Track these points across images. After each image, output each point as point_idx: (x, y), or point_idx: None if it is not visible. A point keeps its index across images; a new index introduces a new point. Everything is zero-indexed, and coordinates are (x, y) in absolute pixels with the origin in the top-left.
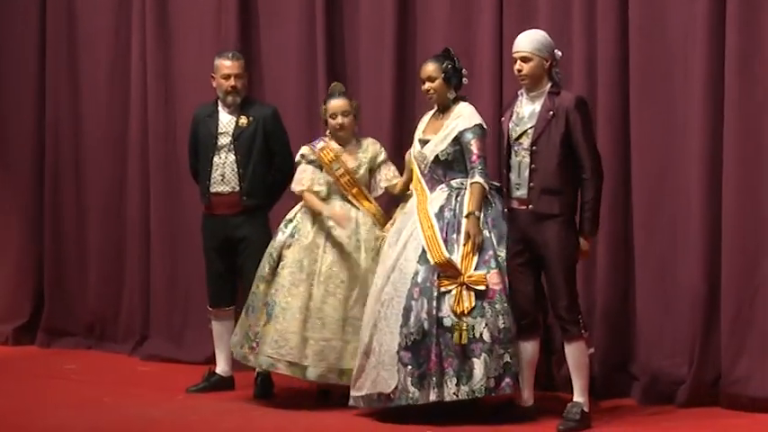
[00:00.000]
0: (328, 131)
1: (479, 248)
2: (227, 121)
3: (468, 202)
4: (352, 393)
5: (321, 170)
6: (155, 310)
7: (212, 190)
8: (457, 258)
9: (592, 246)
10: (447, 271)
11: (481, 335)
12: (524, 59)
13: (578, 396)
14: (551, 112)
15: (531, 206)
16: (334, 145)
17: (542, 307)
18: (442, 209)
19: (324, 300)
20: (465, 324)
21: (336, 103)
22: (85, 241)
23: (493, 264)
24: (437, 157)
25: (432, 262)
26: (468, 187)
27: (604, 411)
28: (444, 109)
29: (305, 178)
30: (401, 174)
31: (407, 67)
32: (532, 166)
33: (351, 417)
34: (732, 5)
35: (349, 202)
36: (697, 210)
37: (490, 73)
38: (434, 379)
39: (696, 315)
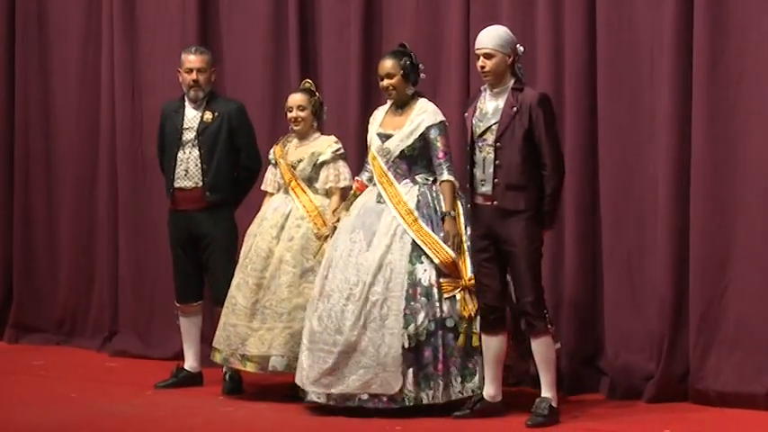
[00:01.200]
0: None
1: (458, 248)
2: (192, 116)
3: (443, 201)
4: (317, 390)
5: (276, 167)
6: (123, 306)
7: (176, 185)
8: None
9: (558, 242)
10: (450, 271)
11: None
12: (487, 56)
13: (546, 391)
14: (515, 109)
15: (495, 202)
16: (290, 139)
17: (509, 302)
18: (418, 206)
19: (238, 286)
20: (471, 327)
21: (293, 98)
22: (54, 237)
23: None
24: (402, 152)
25: (436, 261)
26: (439, 186)
27: (573, 406)
28: (403, 104)
29: (266, 178)
30: (354, 173)
31: (373, 61)
32: (497, 162)
33: (319, 413)
34: (699, 4)
35: (290, 194)
36: (665, 207)
37: (457, 67)
38: (441, 380)
39: (664, 311)
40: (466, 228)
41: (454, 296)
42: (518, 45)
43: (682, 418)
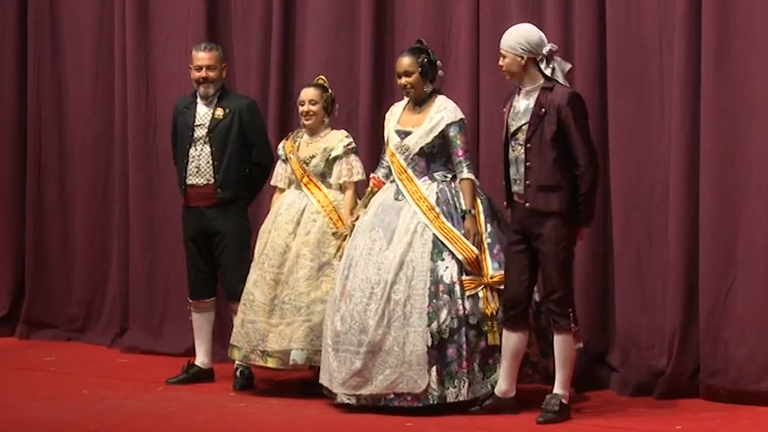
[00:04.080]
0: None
1: (479, 246)
2: (203, 112)
3: (463, 199)
4: (347, 392)
5: (286, 162)
6: (134, 303)
7: (188, 182)
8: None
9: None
10: (473, 268)
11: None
12: (502, 56)
13: (558, 388)
14: (543, 110)
15: (527, 203)
16: (301, 135)
17: (531, 299)
18: (438, 203)
19: (255, 283)
20: (495, 324)
21: (305, 92)
22: (67, 233)
23: (502, 258)
24: (422, 149)
25: (459, 257)
26: (459, 183)
27: (584, 403)
28: (421, 102)
29: (276, 174)
30: (365, 168)
31: (383, 58)
32: (527, 163)
33: (331, 408)
34: (708, 1)
35: (303, 190)
36: (674, 203)
37: (466, 66)
38: (466, 377)
39: (674, 307)
40: (486, 225)
41: (477, 294)
42: (545, 46)
43: (692, 414)
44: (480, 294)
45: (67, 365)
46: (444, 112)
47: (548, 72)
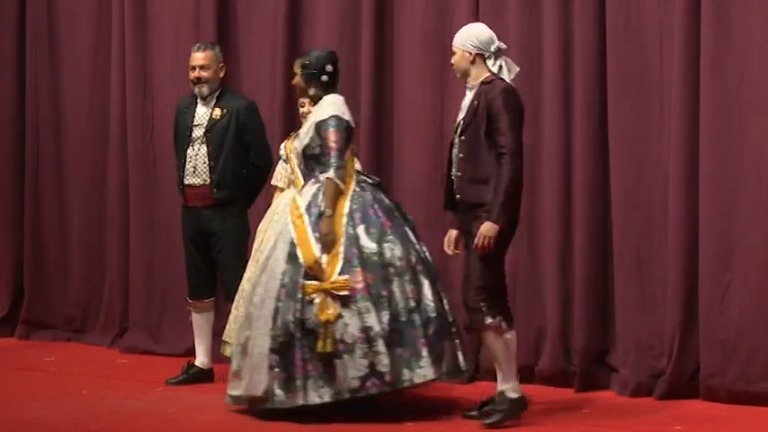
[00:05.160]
0: None
1: (330, 249)
2: (202, 113)
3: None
4: (228, 391)
5: (287, 162)
6: (134, 303)
7: (185, 182)
8: (324, 260)
9: (568, 240)
10: (314, 272)
11: (342, 336)
12: (452, 53)
13: (501, 384)
14: (476, 102)
15: (459, 195)
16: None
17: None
18: (309, 205)
19: (249, 280)
20: (330, 332)
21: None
22: (65, 234)
23: (356, 262)
24: (304, 150)
25: (300, 260)
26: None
27: (584, 403)
28: (315, 104)
29: (276, 173)
30: (365, 166)
31: (383, 59)
32: (460, 155)
33: (330, 409)
34: (706, 1)
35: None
36: (674, 204)
37: None
38: (299, 383)
39: (674, 308)
40: (350, 228)
41: (314, 299)
42: (493, 43)
43: (692, 414)
44: (317, 300)
45: (67, 366)
46: (318, 111)
47: (494, 69)
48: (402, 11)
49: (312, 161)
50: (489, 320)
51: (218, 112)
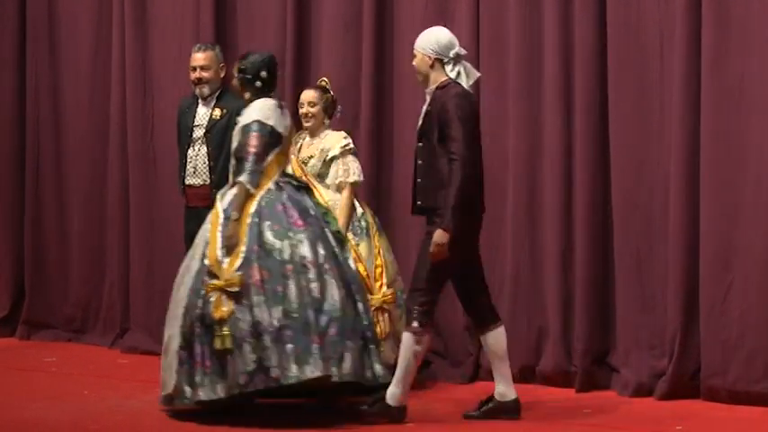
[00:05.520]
0: None
1: (232, 251)
2: (203, 113)
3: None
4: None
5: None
6: (134, 303)
7: (186, 182)
8: (227, 260)
9: (569, 240)
10: (215, 271)
11: (233, 332)
12: (413, 55)
13: (391, 386)
14: (430, 108)
15: (420, 202)
16: (303, 136)
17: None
18: (228, 207)
19: None
20: (224, 329)
21: (305, 94)
22: (66, 234)
23: (254, 257)
24: (234, 153)
25: (206, 261)
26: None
27: (584, 403)
28: None
29: None
30: (365, 169)
31: (384, 59)
32: (419, 162)
33: (336, 410)
34: (707, 1)
35: None
36: (674, 204)
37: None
38: (198, 379)
39: (675, 308)
40: (253, 230)
41: (211, 297)
42: (453, 49)
43: (693, 415)
44: (212, 298)
45: (68, 366)
46: (244, 115)
47: (452, 74)
48: (402, 11)
49: (239, 163)
50: (415, 325)
51: (217, 112)
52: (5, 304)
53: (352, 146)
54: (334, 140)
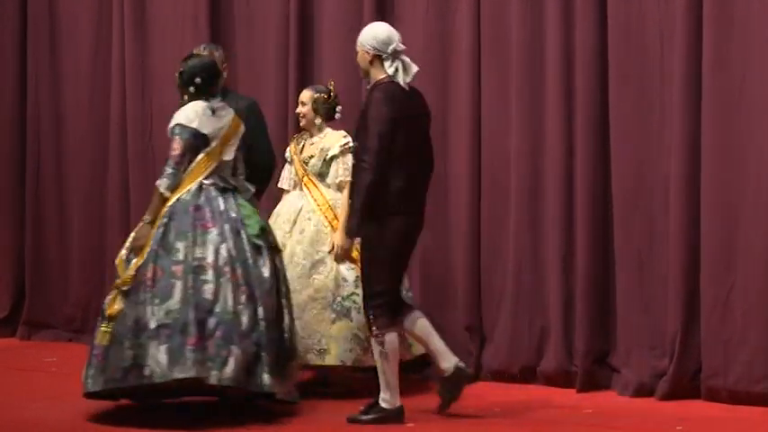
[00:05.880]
0: None
1: (138, 252)
2: None
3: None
4: None
5: (291, 164)
6: None
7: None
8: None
9: (569, 240)
10: (118, 272)
11: (116, 328)
12: (356, 52)
13: (381, 392)
14: (363, 107)
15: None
16: (305, 136)
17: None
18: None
19: None
20: (106, 326)
21: (301, 94)
22: (66, 234)
23: (152, 257)
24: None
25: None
26: None
27: (585, 404)
28: None
29: (282, 176)
30: None
31: None
32: (353, 161)
33: (334, 408)
34: (708, 2)
35: (303, 190)
36: (675, 204)
37: (467, 66)
38: (91, 371)
39: (676, 308)
40: (158, 233)
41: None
42: (391, 44)
43: (694, 415)
44: (110, 296)
45: (68, 366)
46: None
47: (390, 71)
48: (404, 12)
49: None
50: (374, 329)
51: None
52: (6, 305)
53: (351, 144)
54: (334, 140)
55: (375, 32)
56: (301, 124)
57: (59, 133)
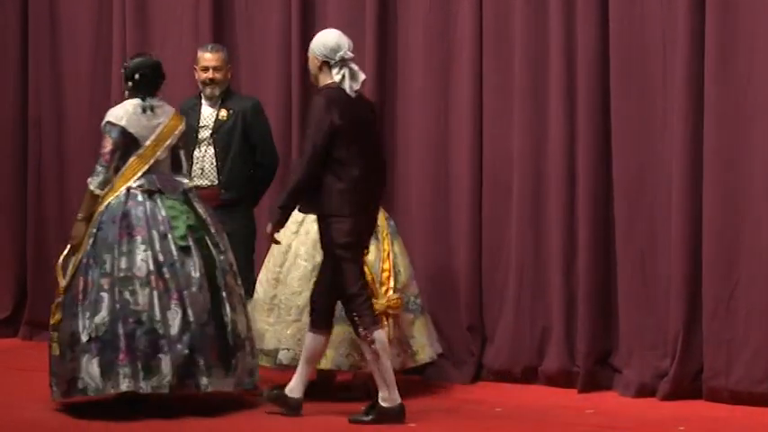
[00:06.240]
0: None
1: (75, 251)
2: (208, 114)
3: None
4: None
5: None
6: None
7: (193, 183)
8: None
9: (572, 239)
10: (57, 278)
11: (59, 340)
12: (308, 58)
13: (380, 390)
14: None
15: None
16: None
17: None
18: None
19: (260, 282)
20: (54, 336)
21: None
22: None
23: (82, 269)
24: None
25: None
26: None
27: (587, 404)
28: None
29: None
30: None
31: (387, 59)
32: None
33: (334, 408)
34: (711, 3)
35: None
36: (677, 204)
37: (470, 66)
38: (53, 380)
39: (678, 308)
40: (92, 235)
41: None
42: (339, 51)
43: (695, 415)
44: (54, 304)
45: None
46: None
47: (337, 78)
48: (406, 11)
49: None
50: (362, 330)
51: (224, 113)
52: (8, 305)
53: None
54: None
55: (325, 40)
56: None
57: (61, 133)
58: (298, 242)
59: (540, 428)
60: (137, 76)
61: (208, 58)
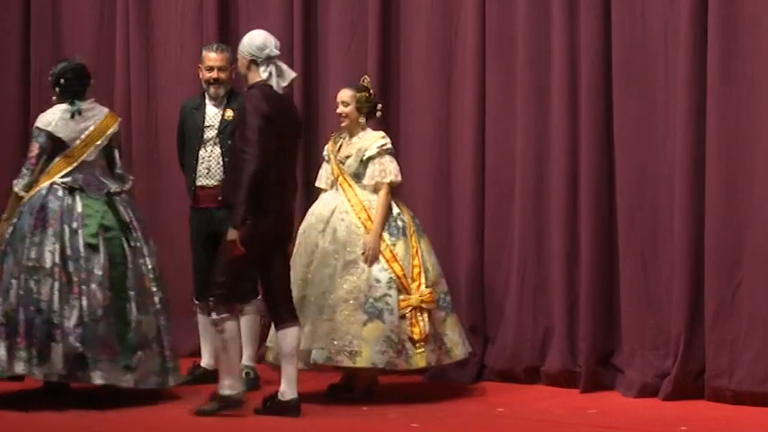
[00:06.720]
0: None
1: None
2: (213, 113)
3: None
4: None
5: (329, 163)
6: None
7: (198, 183)
8: None
9: (574, 240)
10: None
11: None
12: (236, 58)
13: (221, 378)
14: (236, 110)
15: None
16: (343, 135)
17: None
18: None
19: (294, 283)
20: None
21: (340, 93)
22: None
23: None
24: None
25: None
26: None
27: (589, 404)
28: None
29: (319, 175)
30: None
31: (390, 59)
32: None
33: (335, 409)
34: (714, 2)
35: (339, 190)
36: (680, 204)
37: (472, 65)
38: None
39: (680, 308)
40: (11, 227)
41: None
42: (265, 50)
43: (697, 415)
44: None
45: None
46: None
47: (264, 75)
48: (408, 10)
49: None
50: (214, 316)
51: (229, 113)
52: None
53: (389, 146)
54: (372, 140)
55: (251, 39)
56: (343, 125)
57: None
58: (325, 241)
59: (541, 428)
60: (62, 81)
61: (213, 57)
